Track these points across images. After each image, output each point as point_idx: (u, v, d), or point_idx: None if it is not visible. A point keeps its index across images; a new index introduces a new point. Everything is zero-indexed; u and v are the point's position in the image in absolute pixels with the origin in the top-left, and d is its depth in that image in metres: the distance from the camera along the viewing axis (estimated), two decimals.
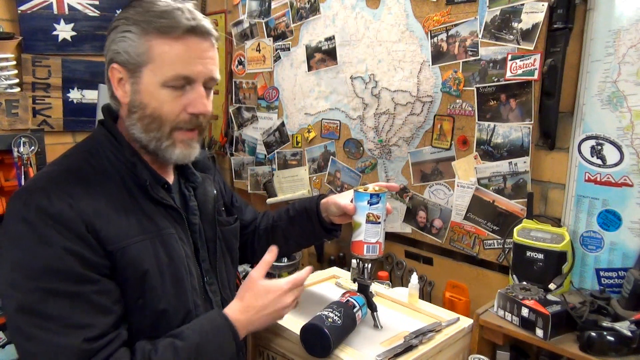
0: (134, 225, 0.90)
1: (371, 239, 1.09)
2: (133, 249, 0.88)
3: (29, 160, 1.77)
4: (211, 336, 0.92)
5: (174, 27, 0.88)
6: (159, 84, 0.89)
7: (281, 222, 1.28)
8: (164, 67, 0.89)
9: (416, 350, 1.05)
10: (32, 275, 0.80)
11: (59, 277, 0.80)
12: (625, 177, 1.22)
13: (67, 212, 0.82)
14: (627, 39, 1.18)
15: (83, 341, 0.79)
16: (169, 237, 0.94)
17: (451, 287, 1.59)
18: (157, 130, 0.92)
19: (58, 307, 0.80)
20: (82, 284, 0.82)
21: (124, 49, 0.89)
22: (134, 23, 0.89)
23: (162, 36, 0.88)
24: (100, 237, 0.84)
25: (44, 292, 0.80)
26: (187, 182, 1.08)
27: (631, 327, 1.02)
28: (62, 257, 0.80)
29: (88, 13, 2.09)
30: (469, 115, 1.48)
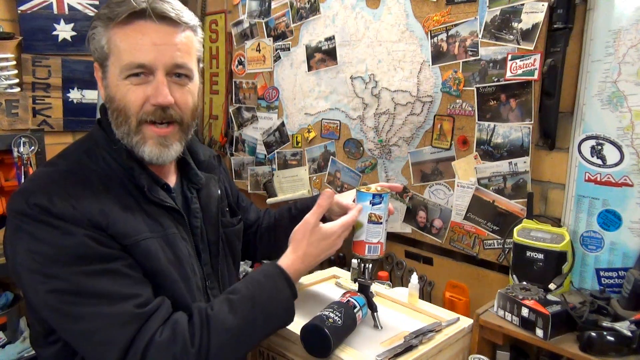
0: (141, 224, 0.89)
1: (373, 239, 1.09)
2: (144, 244, 0.88)
3: (29, 160, 1.77)
4: (266, 286, 0.92)
5: (122, 12, 0.85)
6: (119, 75, 0.88)
7: (283, 221, 1.28)
8: (120, 57, 0.87)
9: (416, 350, 1.05)
10: (67, 263, 0.80)
11: (91, 259, 0.81)
12: (625, 177, 1.22)
13: (70, 212, 0.82)
14: (627, 39, 1.18)
15: (135, 307, 0.81)
16: (174, 236, 0.94)
17: (451, 287, 1.59)
18: (125, 124, 0.90)
19: (101, 284, 0.81)
20: (113, 261, 0.83)
21: (94, 45, 0.90)
22: (98, 18, 0.89)
23: (116, 25, 0.87)
24: (109, 234, 0.84)
25: (84, 274, 0.80)
26: (190, 184, 1.07)
27: (631, 327, 1.02)
28: (86, 242, 0.81)
29: (88, 13, 2.09)
30: (469, 115, 1.48)
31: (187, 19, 0.91)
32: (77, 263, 0.80)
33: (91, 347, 0.81)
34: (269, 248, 1.32)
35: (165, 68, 0.89)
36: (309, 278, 1.48)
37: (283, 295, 0.94)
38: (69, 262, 0.80)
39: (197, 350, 0.82)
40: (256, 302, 0.90)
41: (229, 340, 0.86)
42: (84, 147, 0.94)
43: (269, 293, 0.92)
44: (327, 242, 1.02)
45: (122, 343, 0.79)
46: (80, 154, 0.92)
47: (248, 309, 0.89)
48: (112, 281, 0.82)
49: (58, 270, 0.80)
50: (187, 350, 0.81)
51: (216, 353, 0.84)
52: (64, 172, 0.88)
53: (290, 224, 1.26)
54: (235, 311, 0.87)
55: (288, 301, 0.95)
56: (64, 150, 0.96)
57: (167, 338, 0.81)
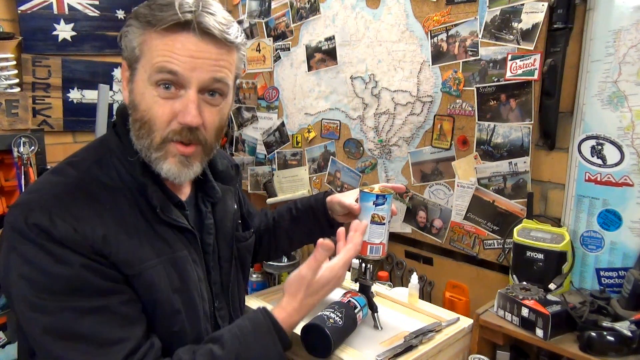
0: (147, 248, 0.83)
1: (375, 239, 1.09)
2: (146, 275, 0.82)
3: (29, 160, 1.77)
4: (254, 343, 0.85)
5: (165, 19, 0.78)
6: (147, 81, 0.81)
7: (284, 222, 1.26)
8: (152, 60, 0.80)
9: (416, 350, 1.05)
10: (57, 294, 0.75)
11: (83, 293, 0.76)
12: (625, 177, 1.22)
13: (71, 236, 0.76)
14: (628, 39, 1.18)
15: (123, 355, 0.76)
16: (183, 259, 0.88)
17: (451, 287, 1.59)
18: (147, 137, 0.82)
19: (89, 324, 0.76)
20: (107, 297, 0.78)
21: (125, 43, 0.83)
22: (135, 16, 0.82)
23: (155, 29, 0.79)
24: (111, 262, 0.79)
25: (72, 311, 0.75)
26: (206, 197, 0.99)
27: (631, 327, 1.02)
28: (81, 274, 0.76)
29: (88, 13, 2.09)
30: (469, 115, 1.48)
31: (232, 37, 0.83)
32: (67, 296, 0.75)
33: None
34: (268, 250, 1.30)
35: (200, 84, 0.81)
36: None
37: (271, 354, 0.86)
38: (59, 294, 0.75)
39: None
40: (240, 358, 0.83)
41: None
42: (96, 155, 0.87)
43: (257, 353, 0.85)
44: (327, 289, 0.96)
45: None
46: (91, 163, 0.85)
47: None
48: (102, 321, 0.77)
49: (46, 301, 0.75)
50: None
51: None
52: (70, 185, 0.81)
53: (291, 225, 1.26)
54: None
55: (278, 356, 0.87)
56: (74, 155, 0.89)
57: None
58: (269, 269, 1.85)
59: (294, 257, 1.90)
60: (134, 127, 0.84)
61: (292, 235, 1.26)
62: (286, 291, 0.95)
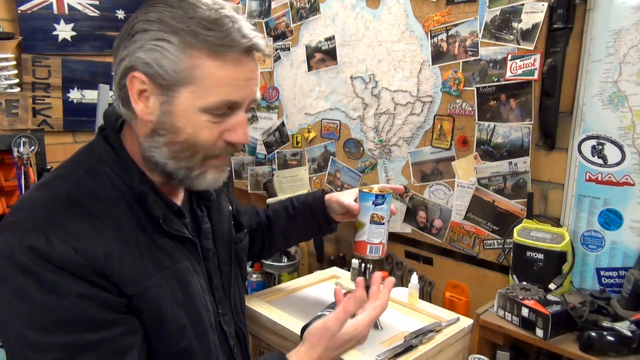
0: (148, 263, 0.78)
1: (374, 239, 1.09)
2: (150, 293, 0.77)
3: (29, 160, 1.77)
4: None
5: (230, 46, 0.73)
6: (198, 109, 0.75)
7: (279, 220, 1.25)
8: (209, 91, 0.74)
9: (416, 350, 1.05)
10: (48, 331, 0.68)
11: (79, 327, 0.70)
12: (627, 177, 1.22)
13: (71, 257, 0.69)
14: (628, 39, 1.18)
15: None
16: (185, 271, 0.84)
17: (451, 287, 1.59)
18: (189, 159, 0.79)
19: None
20: (106, 329, 0.72)
21: (157, 60, 0.73)
22: (173, 32, 0.72)
23: (212, 55, 0.73)
24: (113, 282, 0.73)
25: (66, 348, 0.69)
26: (201, 200, 0.96)
27: (631, 327, 1.02)
28: (77, 305, 0.69)
29: (88, 13, 2.09)
30: (469, 115, 1.48)
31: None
32: (60, 332, 0.68)
33: None
34: (261, 248, 1.28)
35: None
36: (309, 278, 1.48)
37: None
38: (50, 328, 0.68)
39: None
40: None
41: None
42: (86, 165, 0.80)
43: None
44: (347, 346, 0.91)
45: None
46: (82, 174, 0.78)
47: None
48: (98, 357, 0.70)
49: (36, 336, 0.68)
50: None
51: None
52: (62, 199, 0.75)
53: (288, 223, 1.25)
54: None
55: None
56: (62, 166, 0.83)
57: None
58: (269, 269, 1.84)
59: (294, 258, 1.90)
60: (169, 148, 0.78)
61: (288, 233, 1.26)
62: (306, 339, 0.90)
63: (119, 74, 0.77)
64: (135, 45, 0.74)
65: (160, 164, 0.80)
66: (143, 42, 0.74)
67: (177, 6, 0.74)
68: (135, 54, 0.74)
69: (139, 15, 0.76)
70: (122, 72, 0.77)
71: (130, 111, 0.79)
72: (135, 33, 0.75)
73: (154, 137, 0.78)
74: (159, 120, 0.77)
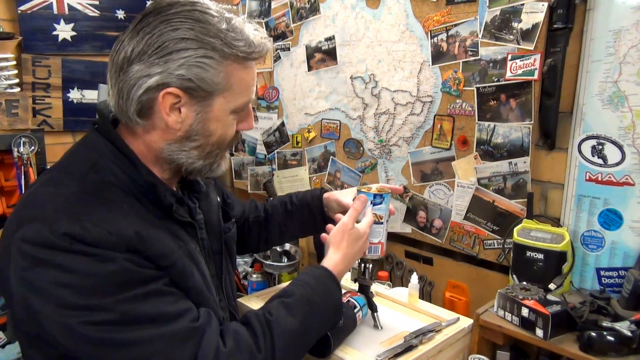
0: (170, 241, 0.84)
1: (373, 239, 1.09)
2: (179, 263, 0.83)
3: (29, 160, 1.77)
4: (318, 289, 0.93)
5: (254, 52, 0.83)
6: (229, 111, 0.85)
7: (277, 215, 1.27)
8: (240, 94, 0.85)
9: (416, 350, 1.05)
10: (108, 292, 0.73)
11: (133, 284, 0.75)
12: (627, 177, 1.22)
13: (106, 238, 0.74)
14: (628, 39, 1.18)
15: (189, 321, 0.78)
16: (194, 251, 0.90)
17: (451, 287, 1.59)
18: (216, 156, 0.90)
19: (149, 307, 0.76)
20: (155, 281, 0.78)
21: (199, 75, 0.79)
22: (213, 48, 0.79)
23: (241, 62, 0.83)
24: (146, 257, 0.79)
25: (128, 300, 0.74)
26: (191, 193, 1.01)
27: (631, 327, 1.02)
28: (126, 267, 0.75)
29: (88, 13, 2.09)
30: (469, 115, 1.48)
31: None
32: (118, 291, 0.74)
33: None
34: (257, 241, 1.30)
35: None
36: None
37: (334, 296, 0.96)
38: (110, 291, 0.74)
39: (264, 357, 0.81)
40: (312, 304, 0.91)
41: (292, 342, 0.86)
42: (87, 160, 0.83)
43: (322, 295, 0.93)
44: (360, 243, 1.04)
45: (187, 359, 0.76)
46: (86, 169, 0.81)
47: (306, 312, 0.89)
48: (159, 302, 0.77)
49: (100, 301, 0.73)
50: (255, 357, 0.81)
51: (282, 357, 0.84)
52: (78, 192, 0.78)
53: (285, 219, 1.27)
54: (294, 314, 0.87)
55: (338, 302, 0.97)
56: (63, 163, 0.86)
57: (232, 348, 0.80)
58: (269, 269, 1.84)
59: (294, 257, 1.90)
60: (200, 150, 0.86)
61: (285, 228, 1.27)
62: (330, 243, 1.04)
63: (143, 88, 0.79)
64: (176, 64, 0.78)
65: (186, 165, 0.88)
66: (185, 60, 0.78)
67: (204, 20, 0.79)
68: (175, 72, 0.78)
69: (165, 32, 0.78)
70: (148, 88, 0.79)
71: (148, 121, 0.83)
72: (170, 52, 0.78)
73: (183, 142, 0.85)
74: (193, 128, 0.84)
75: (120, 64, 0.81)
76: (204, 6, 0.81)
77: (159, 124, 0.83)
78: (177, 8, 0.79)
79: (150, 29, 0.78)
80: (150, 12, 0.80)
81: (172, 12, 0.79)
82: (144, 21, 0.80)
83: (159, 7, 0.80)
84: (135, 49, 0.79)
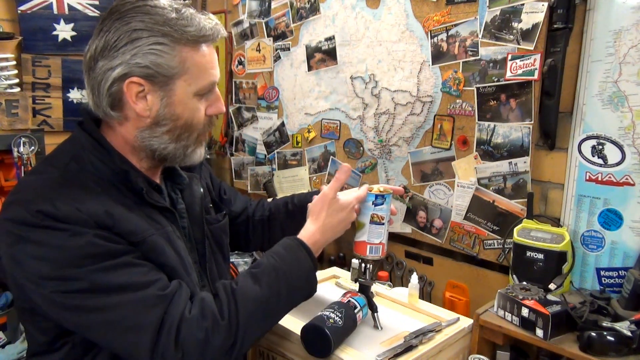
0: (143, 222, 0.89)
1: (374, 239, 1.09)
2: (150, 240, 0.88)
3: (29, 160, 1.77)
4: (287, 257, 0.95)
5: (205, 36, 0.89)
6: (192, 94, 0.90)
7: (279, 215, 1.28)
8: (199, 77, 0.90)
9: (416, 350, 1.05)
10: (80, 263, 0.80)
11: (103, 256, 0.81)
12: (627, 177, 1.22)
13: (76, 215, 0.81)
14: (628, 39, 1.18)
15: (157, 289, 0.83)
16: (171, 233, 0.95)
17: (451, 287, 1.59)
18: (188, 138, 0.94)
19: (118, 277, 0.81)
20: (124, 255, 0.83)
21: (154, 62, 0.86)
22: (163, 35, 0.86)
23: (194, 46, 0.88)
24: (116, 233, 0.84)
25: (99, 270, 0.80)
26: (174, 185, 1.07)
27: (631, 327, 1.02)
28: (95, 242, 0.81)
29: (88, 13, 2.09)
30: (469, 115, 1.48)
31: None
32: (90, 262, 0.80)
33: (120, 337, 0.82)
34: (262, 240, 1.32)
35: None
36: None
37: (304, 265, 0.97)
38: (82, 263, 0.80)
39: (228, 322, 0.85)
40: (279, 273, 0.92)
41: (256, 309, 0.88)
42: (70, 153, 0.91)
43: (291, 264, 0.95)
44: (343, 213, 1.05)
45: (153, 325, 0.80)
46: (67, 160, 0.89)
47: (272, 279, 0.91)
48: (128, 272, 0.82)
49: (72, 271, 0.80)
50: (217, 323, 0.84)
51: (245, 323, 0.86)
52: (58, 177, 0.86)
53: (286, 219, 1.27)
54: (260, 282, 0.90)
55: (309, 272, 0.98)
56: (48, 157, 0.94)
57: (197, 314, 0.84)
58: None
59: None
60: (170, 134, 0.92)
61: (286, 229, 1.28)
62: (310, 212, 1.06)
63: (109, 81, 0.87)
64: (131, 54, 0.85)
65: (159, 150, 0.93)
66: (137, 49, 0.85)
67: (153, 12, 0.86)
68: (131, 62, 0.85)
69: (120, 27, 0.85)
70: (114, 80, 0.86)
71: (121, 113, 0.90)
72: (125, 44, 0.85)
73: (153, 129, 0.91)
74: (160, 113, 0.90)
75: (88, 64, 0.89)
76: (154, 1, 0.88)
77: (130, 114, 0.90)
78: (128, 6, 0.87)
79: (108, 27, 0.86)
80: (108, 14, 0.88)
81: (124, 10, 0.87)
82: (103, 23, 0.88)
83: (114, 8, 0.88)
84: (97, 47, 0.87)
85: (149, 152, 0.94)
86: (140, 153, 0.95)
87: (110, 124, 0.94)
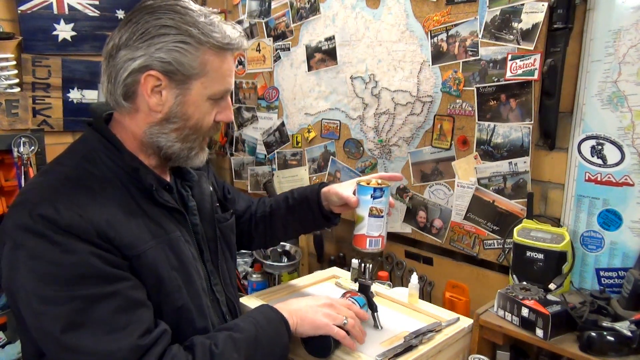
0: (144, 231, 0.88)
1: (374, 232, 1.09)
2: (148, 255, 0.87)
3: (29, 160, 1.77)
4: (268, 330, 0.94)
5: (230, 44, 0.91)
6: (206, 97, 0.92)
7: (280, 210, 1.29)
8: (216, 82, 0.92)
9: (416, 350, 1.05)
10: (66, 284, 0.78)
11: (92, 281, 0.79)
12: (626, 177, 1.22)
13: (77, 222, 0.80)
14: (628, 39, 1.18)
15: (136, 338, 0.80)
16: (177, 240, 0.94)
17: (451, 287, 1.59)
18: (194, 141, 0.95)
19: (100, 311, 0.79)
20: (116, 283, 0.81)
21: (177, 59, 0.87)
22: (190, 35, 0.87)
23: (217, 51, 0.90)
24: (115, 245, 0.83)
25: (81, 299, 0.78)
26: (184, 182, 1.07)
27: (631, 327, 1.02)
28: (88, 261, 0.79)
29: (88, 13, 2.09)
30: (469, 115, 1.48)
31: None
32: (76, 284, 0.78)
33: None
34: (264, 237, 1.33)
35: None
36: (309, 278, 1.48)
37: (282, 340, 0.96)
38: (68, 283, 0.78)
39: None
40: (259, 345, 0.92)
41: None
42: (81, 152, 0.92)
43: (272, 338, 0.95)
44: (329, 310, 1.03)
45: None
46: (78, 159, 0.90)
47: (251, 350, 0.90)
48: (112, 307, 0.80)
49: (55, 291, 0.78)
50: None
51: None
52: (64, 179, 0.86)
53: (287, 214, 1.28)
54: (239, 350, 0.89)
55: (285, 345, 0.97)
56: (58, 157, 0.94)
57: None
58: (269, 269, 1.84)
59: (294, 257, 1.90)
60: (178, 133, 0.93)
61: (287, 224, 1.29)
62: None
63: (128, 70, 0.87)
64: (155, 47, 0.86)
65: (165, 147, 0.94)
66: (163, 44, 0.86)
67: (184, 13, 0.88)
68: (154, 55, 0.86)
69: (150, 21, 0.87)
70: (133, 70, 0.87)
71: (133, 104, 0.91)
72: (152, 37, 0.86)
73: (163, 125, 0.92)
74: (173, 110, 0.90)
75: (110, 52, 0.90)
76: (186, 3, 0.90)
77: (142, 107, 0.91)
78: (160, 2, 0.89)
79: (137, 20, 0.88)
80: (138, 8, 0.90)
81: (156, 6, 0.88)
82: (132, 14, 0.89)
83: (145, 3, 0.90)
84: (122, 37, 0.88)
85: (156, 149, 0.95)
86: (148, 149, 0.95)
87: (119, 120, 0.95)
